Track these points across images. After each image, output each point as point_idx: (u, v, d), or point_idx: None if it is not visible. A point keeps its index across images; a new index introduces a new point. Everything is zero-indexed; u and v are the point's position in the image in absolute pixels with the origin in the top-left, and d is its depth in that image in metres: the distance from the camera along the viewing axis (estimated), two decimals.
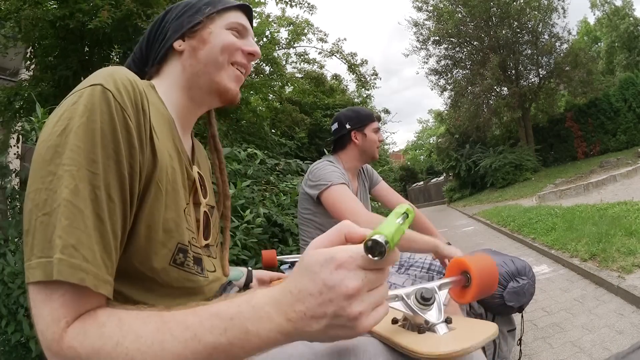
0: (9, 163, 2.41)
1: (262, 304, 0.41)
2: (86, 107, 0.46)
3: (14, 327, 1.58)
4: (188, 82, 0.68)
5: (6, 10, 3.53)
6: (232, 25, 0.71)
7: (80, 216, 0.43)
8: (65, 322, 0.41)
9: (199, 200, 0.67)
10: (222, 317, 0.41)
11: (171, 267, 0.57)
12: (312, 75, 9.11)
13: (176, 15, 0.71)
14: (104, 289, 0.44)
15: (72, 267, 0.41)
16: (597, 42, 22.58)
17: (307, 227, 1.61)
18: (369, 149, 1.66)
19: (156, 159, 0.54)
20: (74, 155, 0.44)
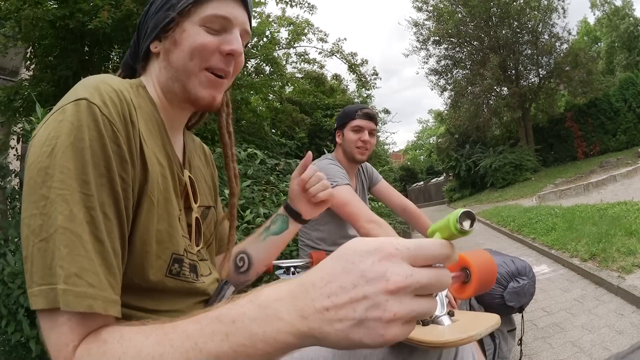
0: (8, 163, 2.41)
1: (270, 300, 0.36)
2: (73, 124, 0.44)
3: (14, 327, 1.58)
4: (165, 86, 0.63)
5: (6, 10, 3.53)
6: (208, 20, 0.59)
7: (80, 242, 0.42)
8: (72, 346, 0.41)
9: (190, 205, 0.65)
10: (223, 321, 0.37)
11: (167, 278, 0.56)
12: (312, 75, 9.11)
13: (156, 8, 0.62)
14: (114, 310, 0.44)
15: (78, 296, 0.41)
16: (597, 42, 22.57)
17: (307, 229, 1.61)
18: (347, 149, 1.60)
19: (147, 171, 0.52)
20: (65, 178, 0.43)
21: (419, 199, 23.49)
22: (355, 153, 1.59)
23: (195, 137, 0.80)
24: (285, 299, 0.35)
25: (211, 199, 0.75)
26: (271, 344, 0.35)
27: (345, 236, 1.60)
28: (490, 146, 16.11)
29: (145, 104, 0.60)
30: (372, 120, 1.60)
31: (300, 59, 8.54)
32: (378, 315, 0.32)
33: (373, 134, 1.61)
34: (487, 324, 0.48)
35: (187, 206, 0.65)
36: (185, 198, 0.64)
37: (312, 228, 1.59)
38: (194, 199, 0.66)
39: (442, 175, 22.26)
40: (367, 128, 1.58)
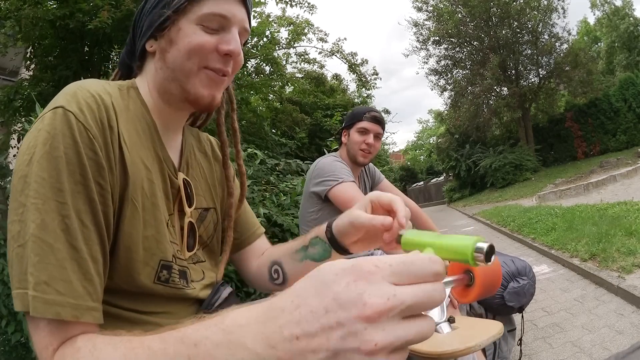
0: (9, 163, 2.41)
1: (235, 325, 0.33)
2: (48, 133, 0.45)
3: (14, 327, 1.58)
4: (161, 87, 0.60)
5: (6, 9, 3.53)
6: (205, 18, 0.57)
7: (50, 250, 0.43)
8: (52, 349, 0.43)
9: (184, 209, 0.64)
10: (186, 342, 0.35)
11: (156, 285, 0.56)
12: (313, 75, 9.12)
13: (151, 5, 0.60)
14: (88, 316, 0.45)
15: (46, 303, 0.42)
16: (597, 42, 22.57)
17: (308, 227, 1.60)
18: (350, 150, 1.60)
19: (127, 176, 0.52)
20: (39, 188, 0.44)
21: (419, 199, 23.48)
22: (358, 155, 1.59)
23: (201, 134, 0.77)
24: (251, 324, 0.31)
25: (211, 200, 0.72)
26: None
27: None
28: (490, 146, 16.11)
29: (135, 106, 0.58)
30: (379, 124, 1.60)
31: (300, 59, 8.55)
32: (356, 345, 0.27)
33: (379, 138, 1.61)
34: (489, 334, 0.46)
35: (181, 209, 0.63)
36: (180, 202, 0.63)
37: (314, 226, 1.58)
38: (188, 203, 0.64)
39: (442, 175, 22.26)
40: (373, 131, 1.58)
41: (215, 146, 0.78)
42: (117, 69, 0.70)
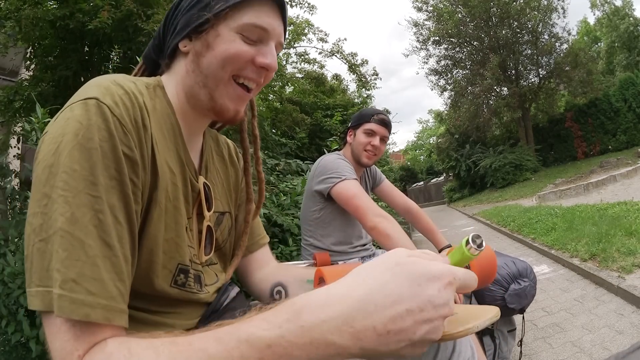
0: (9, 163, 2.41)
1: (317, 320, 0.32)
2: (81, 123, 0.42)
3: (14, 327, 1.57)
4: (190, 90, 0.59)
5: (6, 10, 3.53)
6: (246, 28, 0.56)
7: (80, 246, 0.39)
8: (77, 355, 0.37)
9: (203, 213, 0.63)
10: (255, 345, 0.31)
11: (172, 289, 0.55)
12: (313, 75, 9.12)
13: (188, 4, 0.58)
14: (119, 319, 0.41)
15: (73, 303, 0.38)
16: (597, 42, 22.58)
17: (310, 227, 1.60)
18: (354, 150, 1.61)
19: (157, 178, 0.51)
20: (69, 179, 0.40)
21: (419, 199, 23.49)
22: (362, 156, 1.59)
23: (220, 136, 0.76)
24: (337, 319, 0.32)
25: (227, 204, 0.72)
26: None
27: (350, 233, 1.60)
28: (490, 146, 16.11)
29: (161, 106, 0.57)
30: (387, 127, 1.60)
31: (301, 59, 8.56)
32: (433, 337, 0.34)
33: (384, 141, 1.61)
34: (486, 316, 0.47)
35: (199, 213, 0.63)
36: (199, 205, 0.62)
37: (316, 225, 1.58)
38: (208, 206, 0.63)
39: (442, 175, 22.26)
40: (379, 134, 1.58)
41: (232, 150, 0.78)
42: (142, 63, 0.68)
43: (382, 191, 1.85)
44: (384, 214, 1.32)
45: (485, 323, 0.46)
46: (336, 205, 1.50)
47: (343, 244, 1.58)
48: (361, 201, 1.36)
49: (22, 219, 1.97)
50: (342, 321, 0.32)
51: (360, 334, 0.31)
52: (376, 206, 1.34)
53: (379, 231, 1.27)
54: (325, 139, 5.68)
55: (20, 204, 2.21)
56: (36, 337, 1.53)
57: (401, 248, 0.38)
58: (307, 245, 1.64)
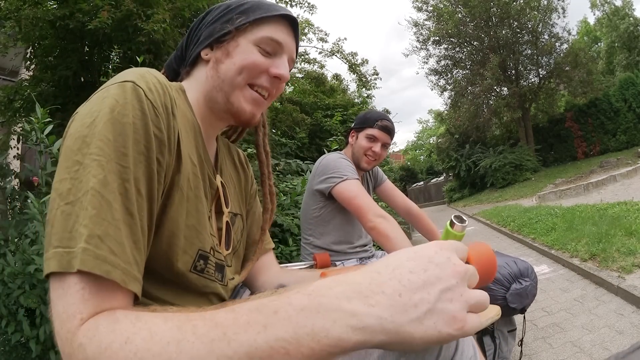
0: (8, 163, 2.41)
1: (323, 288, 0.31)
2: (117, 101, 0.45)
3: (14, 327, 1.58)
4: (208, 94, 0.64)
5: (6, 10, 3.52)
6: (263, 41, 0.62)
7: (109, 208, 0.40)
8: (79, 318, 0.37)
9: (222, 209, 0.66)
10: (263, 311, 0.31)
11: (191, 274, 0.56)
12: (313, 75, 9.12)
13: (212, 18, 0.65)
14: (133, 285, 0.41)
15: (97, 258, 0.38)
16: (597, 42, 22.57)
17: (310, 225, 1.60)
18: (355, 153, 1.61)
19: (180, 164, 0.53)
20: (104, 146, 0.42)
21: (419, 199, 23.49)
22: (362, 160, 1.59)
23: (230, 144, 0.81)
24: (342, 284, 0.31)
25: (239, 207, 0.75)
26: (320, 340, 0.29)
27: (350, 232, 1.60)
28: (490, 146, 16.11)
29: (184, 106, 0.61)
30: (389, 134, 1.59)
31: (301, 59, 8.56)
32: (450, 296, 0.32)
33: (386, 147, 1.61)
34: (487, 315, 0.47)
35: (218, 210, 0.66)
36: (217, 202, 0.65)
37: (316, 223, 1.58)
38: (225, 204, 0.67)
39: (442, 175, 22.26)
40: (381, 140, 1.58)
41: (242, 157, 0.83)
42: (164, 71, 0.72)
43: (383, 192, 1.85)
44: (384, 214, 1.32)
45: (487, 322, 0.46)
46: (337, 204, 1.51)
47: (343, 243, 1.58)
48: (362, 201, 1.36)
49: (22, 219, 1.97)
50: (349, 287, 0.31)
51: (371, 299, 0.30)
52: (377, 206, 1.35)
53: (379, 231, 1.28)
54: (326, 139, 5.68)
55: (20, 204, 2.21)
56: (36, 337, 1.53)
57: None
58: (306, 244, 1.64)
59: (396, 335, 0.30)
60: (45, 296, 1.56)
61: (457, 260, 0.34)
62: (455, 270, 0.33)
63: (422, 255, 0.34)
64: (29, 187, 2.24)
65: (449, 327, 0.31)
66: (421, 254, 0.34)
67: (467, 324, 0.32)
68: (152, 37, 3.34)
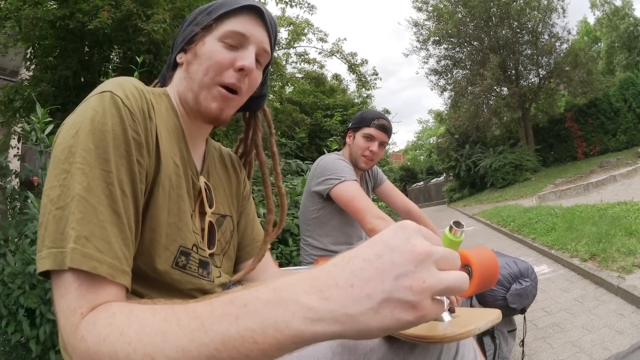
0: (8, 163, 2.41)
1: (287, 284, 0.33)
2: (96, 111, 0.49)
3: (14, 327, 1.58)
4: (182, 96, 0.66)
5: (6, 10, 3.52)
6: (227, 35, 0.62)
7: (93, 211, 0.44)
8: (80, 313, 0.41)
9: (204, 209, 0.68)
10: (235, 303, 0.34)
11: (173, 270, 0.58)
12: (313, 75, 9.12)
13: (188, 22, 0.68)
14: (122, 278, 0.45)
15: (84, 256, 0.42)
16: (597, 42, 22.57)
17: (309, 227, 1.61)
18: (353, 153, 1.61)
19: (160, 163, 0.56)
20: (86, 155, 0.46)
21: (419, 199, 23.49)
22: (359, 160, 1.59)
23: (223, 148, 0.82)
24: (303, 280, 0.33)
25: (228, 208, 0.76)
26: (282, 330, 0.31)
27: (350, 233, 1.60)
28: (490, 146, 16.11)
29: (167, 110, 0.64)
30: (386, 132, 1.59)
31: (300, 59, 8.56)
32: (408, 284, 0.30)
33: (383, 146, 1.61)
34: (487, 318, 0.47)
35: (200, 211, 0.67)
36: (201, 203, 0.67)
37: (315, 225, 1.58)
38: (209, 204, 0.69)
39: (442, 175, 22.26)
40: (378, 139, 1.58)
41: (235, 160, 0.83)
42: (158, 80, 0.76)
43: (382, 192, 1.84)
44: (383, 215, 1.32)
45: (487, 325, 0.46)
46: (335, 205, 1.50)
47: (341, 244, 1.58)
48: (361, 203, 1.36)
49: (22, 219, 1.97)
50: (307, 282, 0.33)
51: (325, 292, 0.31)
52: (376, 208, 1.35)
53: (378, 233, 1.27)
54: (325, 139, 5.68)
55: (20, 204, 2.21)
56: (36, 337, 1.53)
57: None
58: (305, 245, 1.64)
59: (351, 325, 0.30)
60: (45, 296, 1.56)
61: (418, 241, 0.32)
62: (414, 253, 0.31)
63: (378, 240, 0.33)
64: (29, 187, 2.24)
65: (408, 315, 0.30)
66: (378, 238, 0.33)
67: (429, 312, 0.31)
68: (152, 37, 3.34)
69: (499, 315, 0.49)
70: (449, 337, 0.43)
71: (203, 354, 0.33)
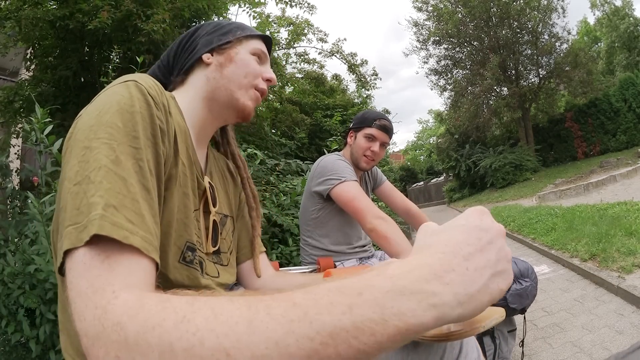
0: (9, 163, 2.41)
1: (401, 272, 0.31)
2: (123, 95, 0.48)
3: (14, 327, 1.58)
4: (209, 94, 0.72)
5: (6, 10, 3.52)
6: (256, 52, 0.76)
7: (123, 183, 0.41)
8: (111, 291, 0.33)
9: (209, 208, 0.69)
10: (346, 292, 0.30)
11: (180, 265, 0.59)
12: (312, 75, 9.11)
13: (207, 32, 0.75)
14: (155, 255, 0.41)
15: (114, 224, 0.37)
16: (597, 42, 22.57)
17: (309, 227, 1.61)
18: (354, 153, 1.61)
19: (178, 159, 0.58)
20: (113, 132, 0.44)
21: (419, 199, 23.49)
22: (361, 160, 1.59)
23: (220, 155, 0.86)
24: (419, 268, 0.32)
25: (229, 209, 0.79)
26: (407, 320, 0.29)
27: (349, 234, 1.60)
28: (490, 146, 16.11)
29: (175, 111, 0.65)
30: (388, 133, 1.59)
31: (300, 59, 8.55)
32: (503, 254, 0.36)
33: (384, 146, 1.61)
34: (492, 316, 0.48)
35: (205, 210, 0.69)
36: (205, 202, 0.69)
37: (315, 225, 1.58)
38: (213, 203, 0.71)
39: (442, 176, 22.26)
40: (380, 139, 1.58)
41: (232, 167, 0.87)
42: None
43: (382, 192, 1.84)
44: (383, 215, 1.32)
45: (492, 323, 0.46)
46: (335, 206, 1.50)
47: (341, 244, 1.58)
48: (361, 203, 1.36)
49: (22, 219, 1.97)
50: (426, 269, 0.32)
51: (444, 278, 0.32)
52: (376, 208, 1.35)
53: (378, 233, 1.28)
54: (325, 139, 5.68)
55: (20, 204, 2.21)
56: (36, 337, 1.53)
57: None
58: (305, 245, 1.64)
59: (470, 305, 0.32)
60: (45, 296, 1.56)
61: (494, 222, 0.38)
62: (498, 230, 0.37)
63: (471, 226, 0.36)
64: (29, 187, 2.24)
65: (505, 283, 0.35)
66: (469, 225, 0.36)
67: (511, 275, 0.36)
68: (152, 37, 3.34)
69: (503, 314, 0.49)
70: (455, 334, 0.43)
71: (304, 350, 0.28)
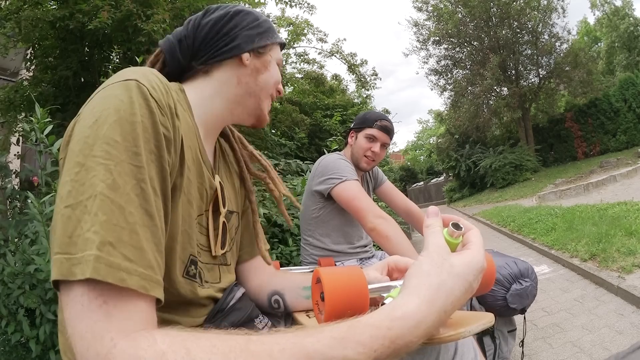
0: (9, 163, 2.41)
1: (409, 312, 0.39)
2: (122, 100, 0.43)
3: (14, 327, 1.57)
4: (237, 98, 0.68)
5: (6, 10, 3.52)
6: (279, 61, 0.74)
7: (120, 212, 0.38)
8: (109, 339, 0.33)
9: (219, 208, 0.65)
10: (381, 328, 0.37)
11: (183, 279, 0.56)
12: (312, 75, 9.13)
13: (248, 25, 0.68)
14: (156, 290, 0.39)
15: (110, 266, 0.36)
16: (597, 42, 22.57)
17: (310, 226, 1.60)
18: (355, 153, 1.61)
19: (183, 168, 0.53)
20: (110, 149, 0.40)
21: (419, 199, 23.48)
22: (361, 161, 1.59)
23: (224, 142, 0.81)
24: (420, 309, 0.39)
25: (235, 204, 0.76)
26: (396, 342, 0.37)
27: (350, 233, 1.60)
28: (490, 146, 16.10)
29: (182, 107, 0.59)
30: (388, 134, 1.60)
31: (300, 59, 8.57)
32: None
33: (385, 147, 1.62)
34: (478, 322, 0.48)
35: (215, 209, 0.65)
36: (215, 202, 0.65)
37: (315, 224, 1.58)
38: (223, 203, 0.67)
39: (442, 176, 22.26)
40: (380, 140, 1.58)
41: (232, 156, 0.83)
42: (160, 51, 0.69)
43: (383, 192, 1.85)
44: (384, 215, 1.32)
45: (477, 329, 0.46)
46: (335, 205, 1.51)
47: (342, 243, 1.58)
48: (362, 202, 1.36)
49: (22, 219, 1.97)
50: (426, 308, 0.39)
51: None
52: (376, 207, 1.35)
53: (379, 232, 1.28)
54: (325, 139, 5.68)
55: (20, 204, 2.21)
56: (36, 337, 1.53)
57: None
58: (306, 245, 1.64)
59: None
60: (45, 296, 1.56)
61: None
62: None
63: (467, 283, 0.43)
64: (29, 187, 2.24)
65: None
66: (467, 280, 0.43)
67: None
68: (152, 37, 3.34)
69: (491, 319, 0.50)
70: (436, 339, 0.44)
71: None
